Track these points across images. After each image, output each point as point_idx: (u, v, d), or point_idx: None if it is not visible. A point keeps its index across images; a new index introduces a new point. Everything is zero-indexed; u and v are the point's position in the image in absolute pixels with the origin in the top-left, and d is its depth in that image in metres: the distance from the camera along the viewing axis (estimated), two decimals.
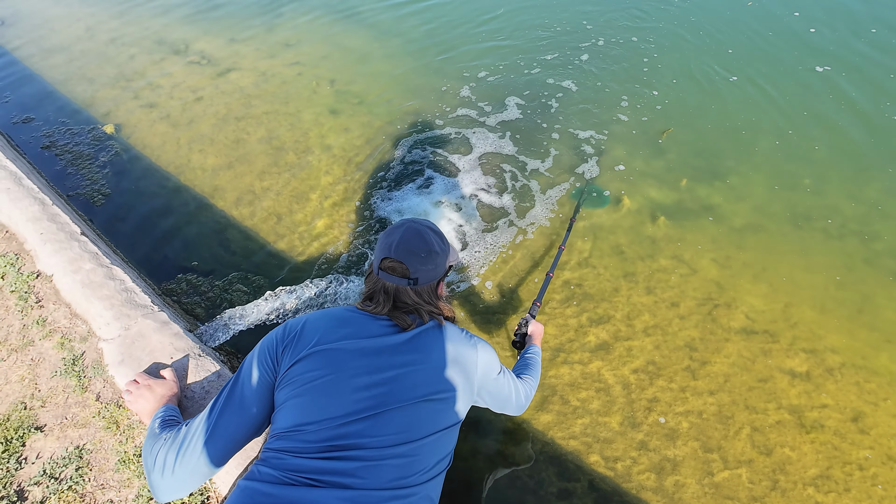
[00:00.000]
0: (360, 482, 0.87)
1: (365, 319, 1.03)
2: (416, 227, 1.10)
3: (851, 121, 3.01)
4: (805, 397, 1.81)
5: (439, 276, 1.12)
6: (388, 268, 1.06)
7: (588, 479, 1.63)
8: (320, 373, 0.94)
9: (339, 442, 0.89)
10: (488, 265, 2.32)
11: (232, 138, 3.20)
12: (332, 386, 0.93)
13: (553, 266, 1.98)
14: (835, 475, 1.61)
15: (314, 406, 0.92)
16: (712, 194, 2.60)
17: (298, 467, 0.87)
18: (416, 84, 3.58)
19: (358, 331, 1.00)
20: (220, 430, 0.97)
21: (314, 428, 0.90)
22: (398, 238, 1.07)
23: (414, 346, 1.01)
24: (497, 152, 2.96)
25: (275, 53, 4.05)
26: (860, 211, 2.47)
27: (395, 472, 0.90)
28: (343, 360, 0.96)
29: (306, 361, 0.96)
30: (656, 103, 3.26)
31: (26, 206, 1.85)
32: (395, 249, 1.06)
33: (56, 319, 1.49)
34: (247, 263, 2.40)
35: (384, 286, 1.06)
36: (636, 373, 1.90)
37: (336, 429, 0.90)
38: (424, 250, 1.07)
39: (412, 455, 0.93)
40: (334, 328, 1.00)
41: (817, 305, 2.09)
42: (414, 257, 1.05)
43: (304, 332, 1.01)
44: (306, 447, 0.89)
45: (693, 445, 1.70)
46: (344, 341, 0.98)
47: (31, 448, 1.24)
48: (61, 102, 3.62)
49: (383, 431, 0.91)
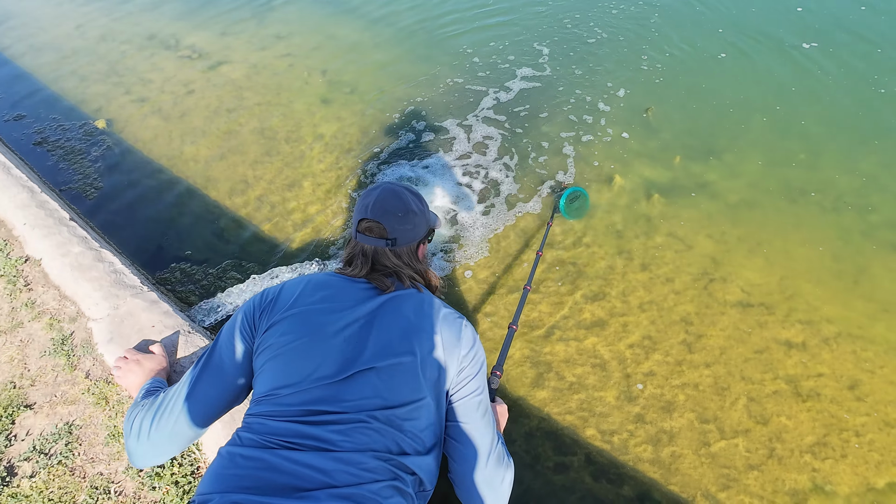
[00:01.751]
0: (338, 447, 0.84)
1: (342, 282, 1.01)
2: (392, 187, 1.08)
3: (842, 96, 3.00)
4: (801, 367, 1.80)
5: (419, 238, 1.09)
6: (365, 229, 1.04)
7: (585, 453, 1.63)
8: (295, 335, 0.92)
9: (316, 407, 0.87)
10: (480, 252, 2.31)
11: (224, 130, 3.18)
12: (306, 348, 0.91)
13: (530, 279, 1.84)
14: (832, 442, 1.60)
15: (289, 369, 0.90)
16: (707, 171, 2.59)
17: (278, 430, 0.85)
18: (407, 72, 3.57)
19: (334, 293, 0.98)
20: (196, 395, 0.95)
21: (290, 391, 0.88)
22: (374, 198, 1.05)
23: (391, 308, 0.98)
24: (489, 137, 2.95)
25: (266, 45, 4.04)
26: (855, 184, 2.45)
27: (374, 437, 0.86)
28: (318, 323, 0.93)
29: (281, 325, 0.94)
30: (647, 83, 3.25)
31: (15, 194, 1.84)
32: (371, 210, 1.04)
33: (45, 301, 1.48)
34: (240, 251, 2.39)
35: (363, 249, 1.04)
36: (632, 348, 1.89)
37: (311, 391, 0.88)
38: (401, 210, 1.04)
39: (389, 422, 0.88)
40: (310, 292, 0.98)
41: (813, 278, 2.08)
42: (391, 217, 1.03)
43: (280, 296, 0.99)
44: (285, 410, 0.87)
45: (689, 417, 1.69)
46: (319, 304, 0.96)
47: (20, 425, 1.24)
48: (52, 99, 3.61)
49: (357, 395, 0.88)
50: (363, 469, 0.82)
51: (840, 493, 1.50)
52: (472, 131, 3.00)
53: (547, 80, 3.38)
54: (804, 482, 1.52)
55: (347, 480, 0.80)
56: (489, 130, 2.99)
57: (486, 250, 2.29)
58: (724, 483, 1.53)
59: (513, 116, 3.08)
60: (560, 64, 3.52)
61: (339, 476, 0.80)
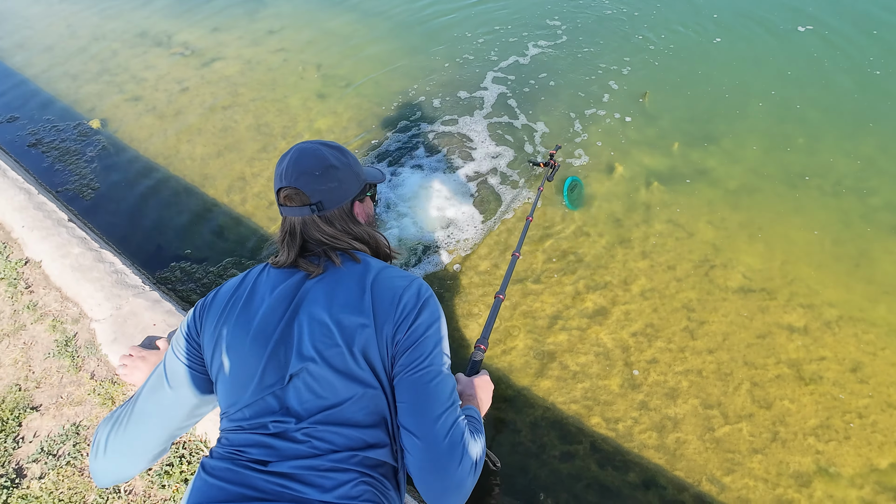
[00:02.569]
0: (300, 453, 0.81)
1: (272, 277, 0.92)
2: (303, 146, 0.94)
3: (839, 79, 2.99)
4: (804, 351, 1.81)
5: (350, 196, 0.96)
6: (284, 198, 0.92)
7: (590, 441, 1.64)
8: (230, 348, 0.87)
9: (265, 419, 0.83)
10: (476, 238, 2.30)
11: (220, 127, 3.16)
12: (242, 360, 0.86)
13: (519, 244, 1.82)
14: (835, 424, 1.62)
15: (233, 385, 0.86)
16: (706, 158, 2.58)
17: (239, 442, 0.83)
18: (402, 64, 3.54)
19: (263, 293, 0.90)
20: (147, 406, 0.90)
21: (237, 408, 0.85)
22: (287, 162, 0.92)
23: (317, 295, 0.88)
24: (487, 126, 2.94)
25: (259, 41, 4.00)
26: (855, 167, 2.45)
27: (331, 438, 0.82)
28: (249, 330, 0.87)
29: (218, 337, 0.89)
30: (644, 70, 3.23)
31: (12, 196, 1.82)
32: (285, 175, 0.91)
33: (47, 303, 1.48)
34: (241, 249, 2.38)
35: (290, 224, 0.93)
36: (635, 336, 1.90)
37: (256, 405, 0.84)
38: (319, 167, 0.91)
39: (338, 421, 0.82)
40: (240, 295, 0.91)
41: (814, 262, 2.08)
42: (308, 178, 0.90)
43: (213, 303, 0.93)
44: (241, 425, 0.85)
45: (693, 403, 1.70)
46: (249, 309, 0.89)
47: (27, 428, 1.24)
48: (45, 100, 3.58)
49: (299, 400, 0.83)
50: (326, 471, 0.80)
51: (844, 474, 1.51)
52: (469, 121, 2.98)
53: (543, 67, 3.35)
54: (808, 464, 1.53)
55: (315, 482, 0.78)
56: (486, 119, 2.97)
57: (483, 237, 2.29)
58: (729, 467, 1.54)
59: (509, 106, 3.06)
60: (556, 51, 3.49)
61: (306, 478, 0.78)
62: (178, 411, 0.91)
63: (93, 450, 0.90)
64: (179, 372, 0.91)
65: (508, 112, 3.02)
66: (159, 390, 0.91)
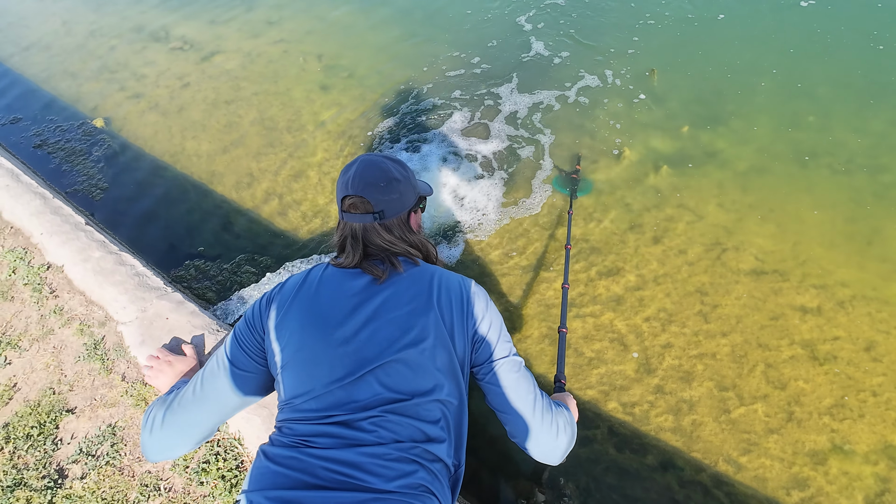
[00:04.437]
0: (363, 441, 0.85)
1: (338, 277, 0.97)
2: (370, 158, 1.02)
3: (845, 53, 2.95)
4: (817, 331, 1.83)
5: (408, 207, 1.04)
6: (349, 206, 0.99)
7: (607, 426, 1.67)
8: (300, 342, 0.91)
9: (332, 411, 0.87)
10: (488, 230, 2.31)
11: (224, 122, 3.15)
12: (313, 355, 0.90)
13: (566, 275, 1.79)
14: (849, 403, 1.64)
15: (301, 378, 0.90)
16: (715, 139, 2.57)
17: (303, 432, 0.87)
18: (405, 53, 3.50)
19: (332, 293, 0.95)
20: (206, 389, 0.97)
21: (304, 399, 0.89)
22: (353, 172, 0.99)
23: (388, 297, 0.94)
24: (493, 113, 2.92)
25: (258, 32, 3.95)
26: (866, 144, 2.43)
27: (395, 429, 0.86)
28: (321, 326, 0.91)
29: (286, 332, 0.93)
30: (648, 53, 3.18)
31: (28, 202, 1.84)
32: (352, 184, 0.98)
33: (72, 307, 1.50)
34: (252, 245, 2.40)
35: (352, 229, 0.99)
36: (648, 321, 1.92)
37: (324, 397, 0.88)
38: (384, 179, 0.98)
39: (406, 413, 0.87)
40: (308, 293, 0.96)
41: (826, 241, 2.09)
42: (373, 188, 0.97)
43: (279, 299, 0.97)
44: (307, 416, 0.88)
45: (708, 386, 1.73)
46: (319, 306, 0.93)
47: (64, 430, 1.28)
48: (47, 100, 3.56)
49: (369, 394, 0.87)
50: (390, 460, 0.83)
51: (858, 451, 1.54)
52: (474, 108, 2.96)
53: (549, 48, 3.31)
54: (823, 443, 1.57)
55: (378, 471, 0.82)
56: (493, 107, 2.95)
57: (496, 228, 2.29)
58: (745, 448, 1.58)
59: (515, 91, 3.03)
60: (560, 42, 3.44)
61: (370, 467, 0.82)
62: (233, 399, 0.98)
63: (147, 426, 0.97)
64: (240, 361, 0.97)
65: (513, 95, 3.00)
66: (219, 376, 0.97)
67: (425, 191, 1.13)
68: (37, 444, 1.25)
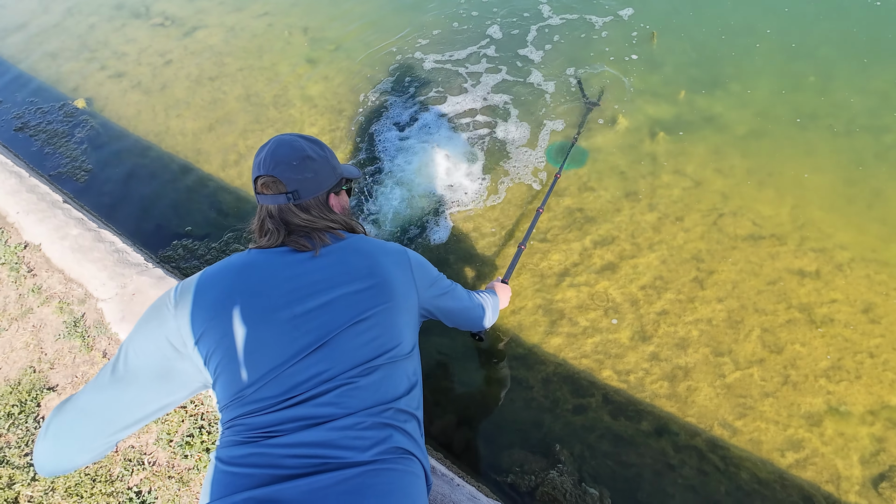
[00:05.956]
0: (332, 416, 0.79)
1: (264, 257, 0.91)
2: (283, 137, 0.98)
3: (845, 11, 2.85)
4: (815, 295, 1.79)
5: (326, 188, 0.99)
6: (262, 186, 0.95)
7: (602, 394, 1.65)
8: (234, 331, 0.82)
9: (291, 392, 0.80)
10: (478, 203, 2.26)
11: (208, 99, 3.06)
12: (254, 341, 0.82)
13: (526, 237, 1.84)
14: (846, 365, 1.62)
15: (246, 368, 0.81)
16: (713, 104, 2.49)
17: (263, 424, 0.79)
18: (392, 22, 3.38)
19: (260, 273, 0.88)
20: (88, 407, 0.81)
21: (254, 388, 0.80)
22: (266, 152, 0.95)
23: (326, 265, 0.90)
24: (485, 83, 2.83)
25: (241, 6, 3.82)
26: (868, 104, 2.36)
27: (362, 395, 0.82)
28: (256, 310, 0.84)
29: (214, 328, 0.82)
30: (645, 18, 3.07)
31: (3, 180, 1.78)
32: (263, 164, 0.94)
33: (51, 286, 1.47)
34: (241, 223, 2.35)
35: (268, 211, 0.95)
36: (644, 289, 1.88)
37: (279, 379, 0.81)
38: (296, 158, 0.94)
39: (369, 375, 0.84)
40: (234, 278, 0.87)
41: (825, 205, 2.04)
42: (285, 167, 0.93)
43: (198, 291, 0.86)
44: (264, 405, 0.80)
45: (704, 351, 1.71)
46: (249, 290, 0.86)
47: (46, 407, 1.25)
48: (26, 81, 3.46)
49: (327, 365, 0.82)
50: (363, 429, 0.80)
51: (854, 412, 1.53)
52: (466, 79, 2.87)
53: (538, 25, 3.19)
54: (819, 405, 1.55)
55: (351, 444, 0.78)
56: (484, 77, 2.86)
57: (484, 201, 2.24)
58: (741, 412, 1.56)
59: (507, 60, 2.94)
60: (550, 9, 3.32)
61: (341, 442, 0.77)
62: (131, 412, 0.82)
63: (41, 431, 0.81)
64: (140, 368, 0.82)
65: (507, 63, 2.91)
66: (108, 388, 0.81)
67: (351, 173, 1.09)
68: (18, 422, 1.22)
